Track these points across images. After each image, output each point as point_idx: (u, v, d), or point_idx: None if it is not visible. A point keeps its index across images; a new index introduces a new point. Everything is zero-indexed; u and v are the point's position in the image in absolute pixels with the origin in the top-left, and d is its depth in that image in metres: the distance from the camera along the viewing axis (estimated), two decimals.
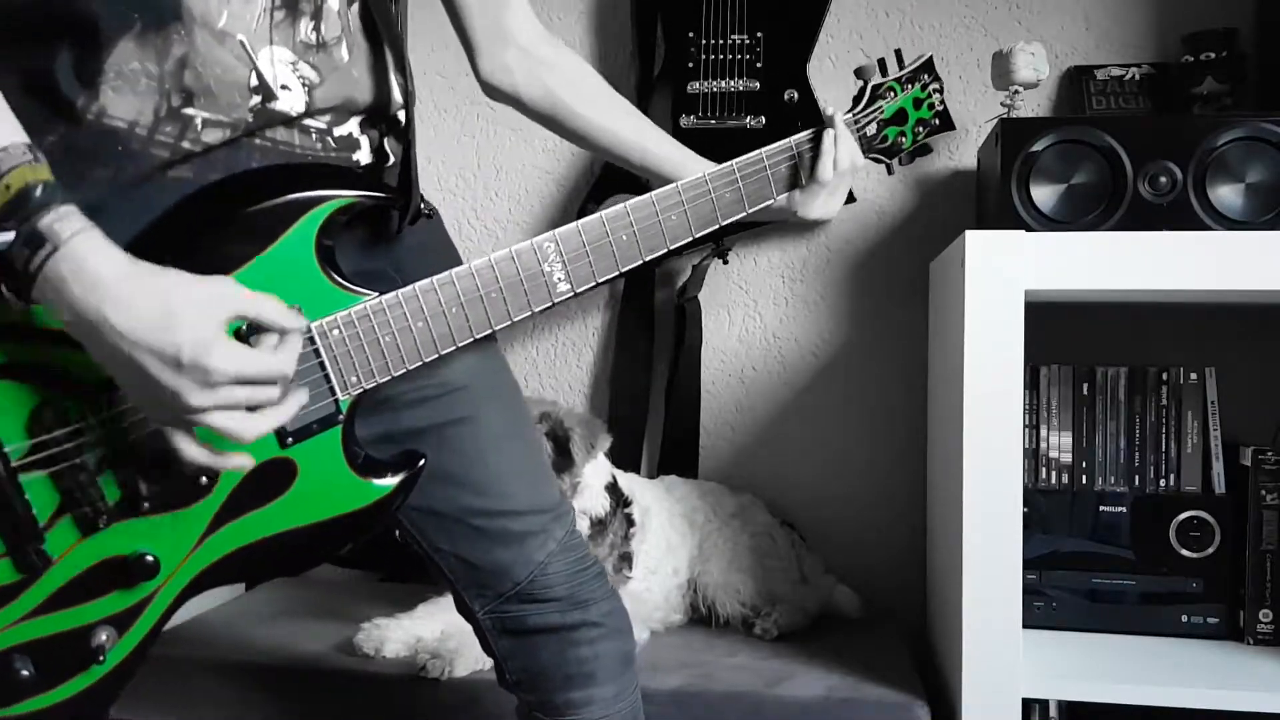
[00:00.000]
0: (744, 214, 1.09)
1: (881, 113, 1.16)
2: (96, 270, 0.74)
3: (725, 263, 1.97)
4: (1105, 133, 1.47)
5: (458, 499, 1.02)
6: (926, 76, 1.18)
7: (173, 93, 0.84)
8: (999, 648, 1.37)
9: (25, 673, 0.84)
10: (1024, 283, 1.37)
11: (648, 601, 1.69)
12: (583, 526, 1.63)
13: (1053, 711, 1.50)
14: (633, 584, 1.67)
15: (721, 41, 1.86)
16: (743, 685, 1.46)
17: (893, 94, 1.16)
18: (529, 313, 0.97)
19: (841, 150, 1.11)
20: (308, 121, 0.92)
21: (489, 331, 0.97)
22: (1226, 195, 1.45)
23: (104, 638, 0.86)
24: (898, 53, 1.19)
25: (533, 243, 0.97)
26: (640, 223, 1.01)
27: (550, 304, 0.98)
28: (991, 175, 1.58)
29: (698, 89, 1.87)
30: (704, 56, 1.87)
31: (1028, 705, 1.45)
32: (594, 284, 1.00)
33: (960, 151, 1.92)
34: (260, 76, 0.87)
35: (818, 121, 1.14)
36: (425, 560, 1.07)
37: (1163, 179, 1.45)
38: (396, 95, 0.99)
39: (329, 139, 0.94)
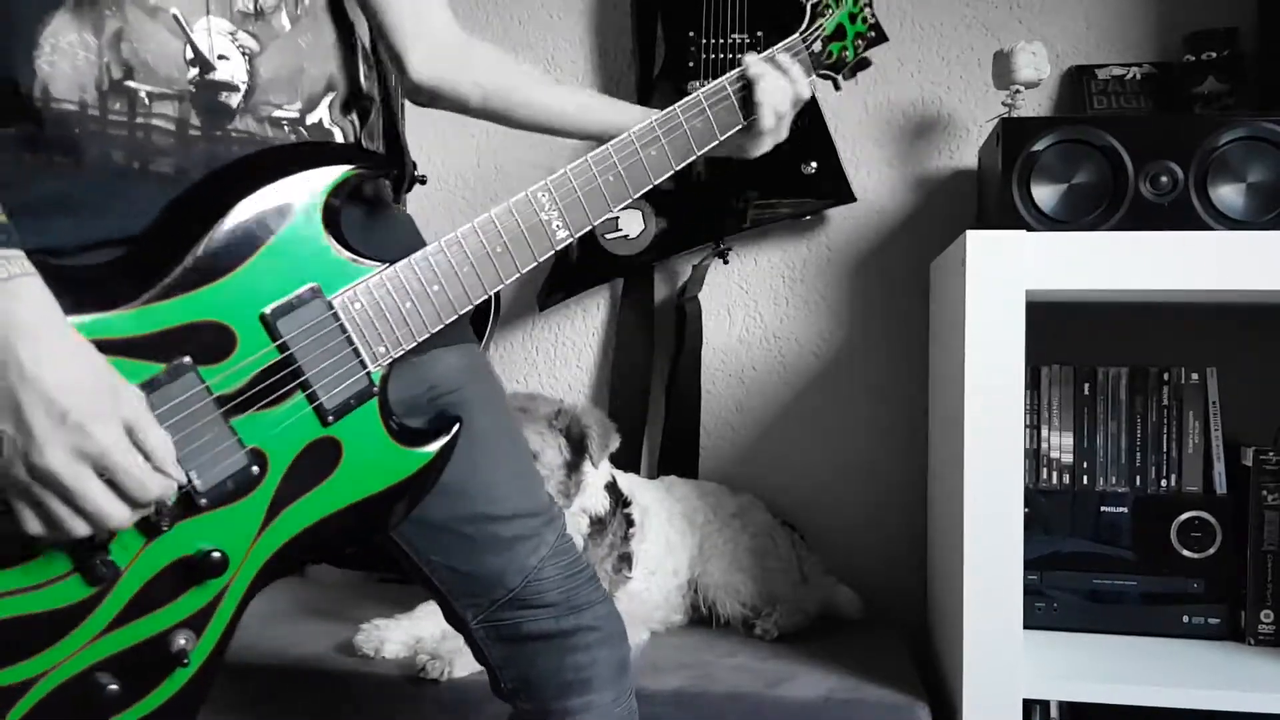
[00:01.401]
0: (716, 141, 1.12)
1: (824, 30, 1.19)
2: (27, 314, 0.74)
3: (725, 263, 1.96)
4: (1106, 132, 1.47)
5: (447, 506, 1.01)
6: None
7: (112, 65, 0.84)
8: (1000, 648, 1.37)
9: (112, 688, 0.83)
10: (1025, 283, 1.36)
11: (648, 602, 1.69)
12: (583, 524, 1.63)
13: (1054, 712, 1.50)
14: (633, 584, 1.67)
15: (721, 41, 1.86)
16: (743, 686, 1.46)
17: (830, 10, 1.19)
18: (534, 263, 0.99)
19: (773, 94, 1.12)
20: (278, 113, 0.92)
21: (500, 287, 0.98)
22: (1228, 195, 1.45)
23: (183, 641, 0.85)
24: None
25: (527, 194, 0.99)
26: (624, 161, 1.04)
27: (552, 251, 1.00)
28: (992, 175, 1.57)
29: (697, 89, 1.86)
30: (704, 56, 1.86)
31: (1029, 706, 1.45)
32: (589, 226, 1.02)
33: (961, 151, 1.92)
34: (195, 49, 0.87)
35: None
36: (412, 573, 1.06)
37: (1164, 179, 1.45)
38: (363, 81, 1.00)
39: (301, 129, 0.94)
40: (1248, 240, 1.37)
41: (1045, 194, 1.48)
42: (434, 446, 0.95)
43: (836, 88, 1.24)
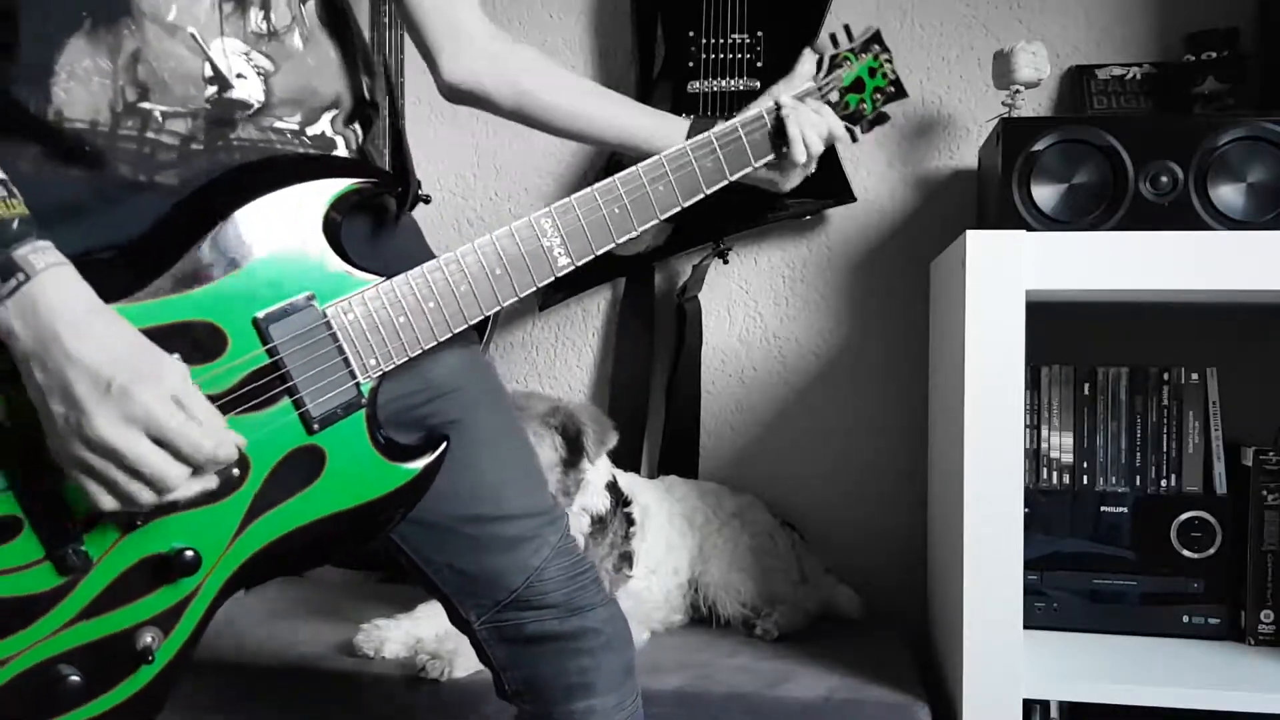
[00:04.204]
0: (725, 181, 1.12)
1: (840, 81, 1.19)
2: (65, 302, 0.76)
3: (725, 263, 1.96)
4: (1106, 132, 1.47)
5: (448, 507, 1.01)
6: (877, 47, 1.22)
7: (127, 88, 0.85)
8: (1000, 648, 1.37)
9: (74, 679, 0.83)
10: (1025, 283, 1.36)
11: (648, 601, 1.69)
12: (584, 524, 1.63)
13: (1054, 712, 1.50)
14: (633, 584, 1.67)
15: (721, 41, 1.86)
16: (743, 686, 1.46)
17: (849, 63, 1.20)
18: (533, 288, 1.00)
19: (807, 129, 1.13)
20: (280, 124, 0.93)
21: (496, 309, 0.98)
22: (1228, 195, 1.45)
23: (149, 639, 0.85)
24: (846, 27, 1.23)
25: (530, 219, 0.99)
26: (630, 195, 1.04)
27: (552, 278, 1.01)
28: (992, 175, 1.57)
29: (698, 88, 1.86)
30: (704, 56, 1.86)
31: (1029, 706, 1.45)
32: (591, 255, 1.03)
33: (961, 151, 1.92)
34: (214, 66, 0.88)
35: None
36: (415, 574, 1.06)
37: (1164, 179, 1.45)
38: (366, 93, 1.01)
39: (304, 138, 0.95)
40: (1248, 240, 1.37)
41: (1045, 194, 1.48)
42: (419, 463, 0.95)
43: (854, 139, 1.24)
